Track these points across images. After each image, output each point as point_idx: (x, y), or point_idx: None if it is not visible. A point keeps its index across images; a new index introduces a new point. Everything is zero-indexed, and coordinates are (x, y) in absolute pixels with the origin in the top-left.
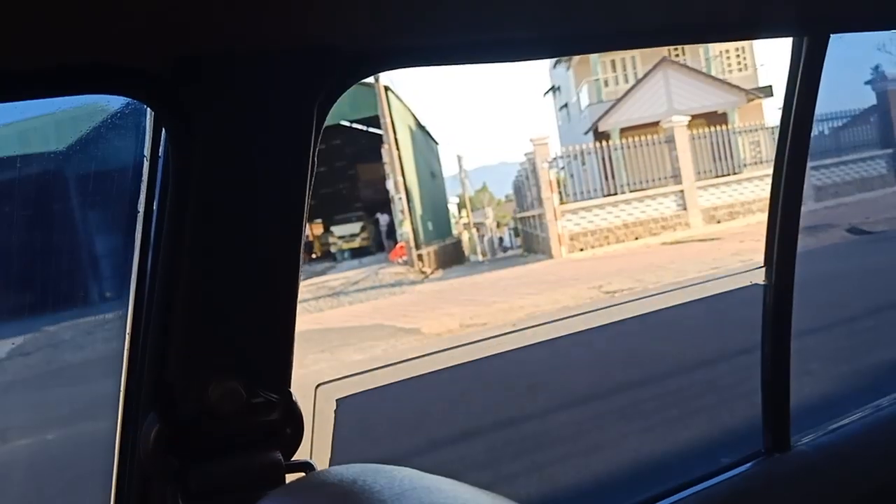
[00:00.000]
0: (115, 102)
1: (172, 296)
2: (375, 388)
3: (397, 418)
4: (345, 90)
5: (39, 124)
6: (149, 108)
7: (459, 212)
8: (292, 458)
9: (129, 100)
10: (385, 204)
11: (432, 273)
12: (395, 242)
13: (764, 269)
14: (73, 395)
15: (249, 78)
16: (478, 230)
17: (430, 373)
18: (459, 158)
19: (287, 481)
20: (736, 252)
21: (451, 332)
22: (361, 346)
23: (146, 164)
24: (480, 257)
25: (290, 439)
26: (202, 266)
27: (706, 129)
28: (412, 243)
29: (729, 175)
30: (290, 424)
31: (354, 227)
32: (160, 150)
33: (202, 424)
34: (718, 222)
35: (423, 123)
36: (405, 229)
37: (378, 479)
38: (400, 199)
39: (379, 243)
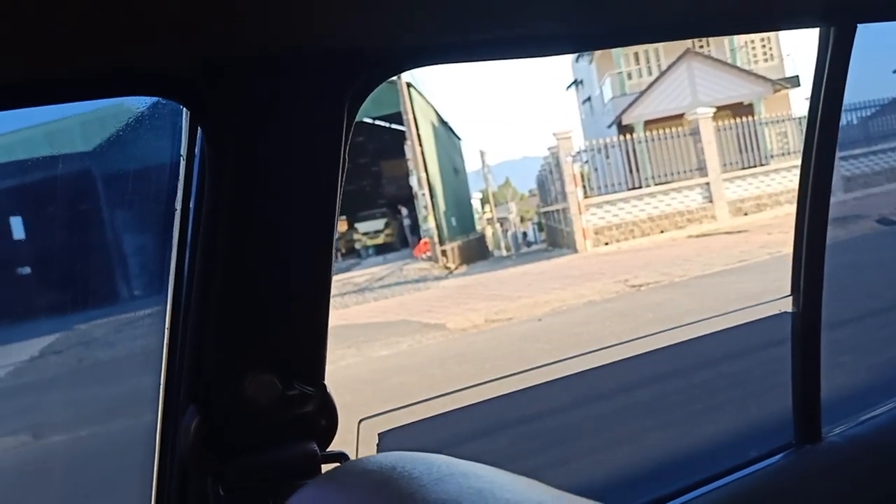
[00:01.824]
0: (151, 103)
1: (209, 292)
2: (415, 422)
3: (437, 451)
4: (373, 89)
5: (70, 125)
6: (184, 109)
7: (483, 207)
8: (327, 450)
9: (165, 100)
10: (408, 200)
11: (456, 268)
12: (419, 238)
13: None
14: (103, 392)
15: (280, 79)
16: (501, 225)
17: (472, 405)
18: (482, 153)
19: (322, 471)
20: (764, 244)
21: (477, 327)
22: (387, 342)
23: (182, 164)
24: (504, 252)
25: (324, 431)
26: (238, 262)
27: (732, 121)
28: (436, 239)
29: (756, 166)
30: (325, 416)
31: (378, 224)
32: (196, 149)
33: (240, 416)
34: (745, 214)
35: (445, 119)
36: (429, 225)
37: (417, 465)
38: (423, 195)
39: (403, 239)
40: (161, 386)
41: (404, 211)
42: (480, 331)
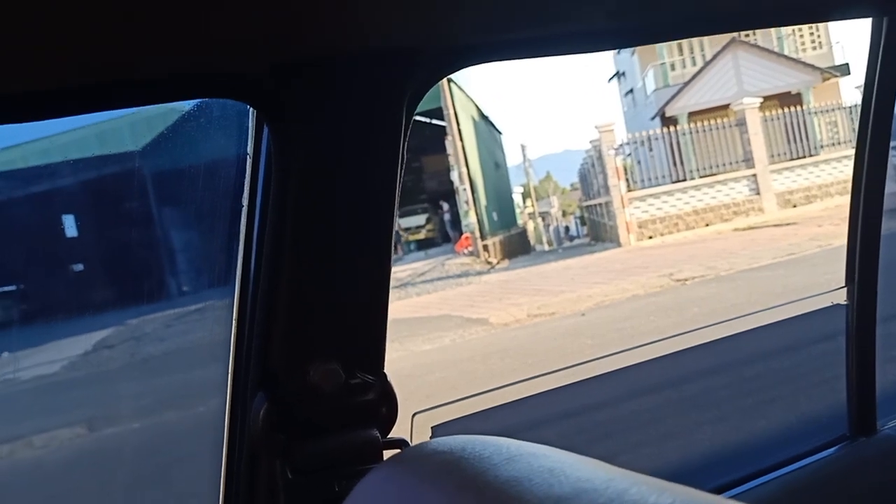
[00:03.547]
0: (219, 104)
1: (276, 285)
2: (466, 415)
3: None
4: (430, 87)
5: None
6: (251, 110)
7: (524, 201)
8: (388, 436)
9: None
10: (450, 195)
11: (498, 263)
12: (461, 233)
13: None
14: (155, 385)
15: (343, 79)
16: (543, 219)
17: (520, 399)
18: (523, 147)
19: (383, 457)
20: (813, 237)
21: (519, 322)
22: (430, 337)
23: (249, 162)
24: (546, 247)
25: (385, 418)
26: (302, 256)
27: (779, 111)
28: (477, 234)
29: (805, 157)
30: (386, 404)
31: (420, 219)
32: (262, 147)
33: (305, 403)
34: (794, 206)
35: (485, 113)
36: (470, 220)
37: (486, 446)
38: (464, 189)
39: (444, 234)
40: (229, 373)
41: (445, 206)
42: (523, 326)
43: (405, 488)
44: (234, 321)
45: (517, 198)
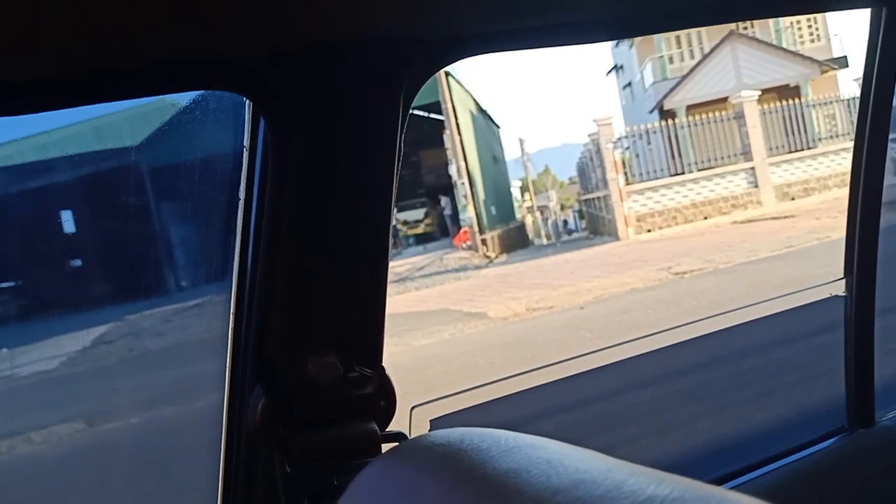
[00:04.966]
0: (214, 96)
1: (273, 278)
2: (465, 409)
3: None
4: (428, 77)
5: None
6: (247, 101)
7: (522, 195)
8: (386, 430)
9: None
10: (448, 189)
11: (496, 257)
12: (459, 227)
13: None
14: (153, 380)
15: (341, 67)
16: (541, 213)
17: (518, 392)
18: (521, 141)
19: (382, 450)
20: (812, 230)
21: (518, 315)
22: (429, 331)
23: (245, 154)
24: (545, 241)
25: (383, 411)
26: (300, 249)
27: (778, 104)
28: (476, 228)
29: (803, 150)
30: (384, 398)
31: (418, 214)
32: (258, 140)
33: (303, 396)
34: (792, 199)
35: (483, 107)
36: (468, 214)
37: (484, 438)
38: (462, 184)
39: (443, 228)
40: (227, 367)
41: (444, 200)
42: (522, 319)
43: (403, 480)
44: (231, 315)
45: (515, 192)
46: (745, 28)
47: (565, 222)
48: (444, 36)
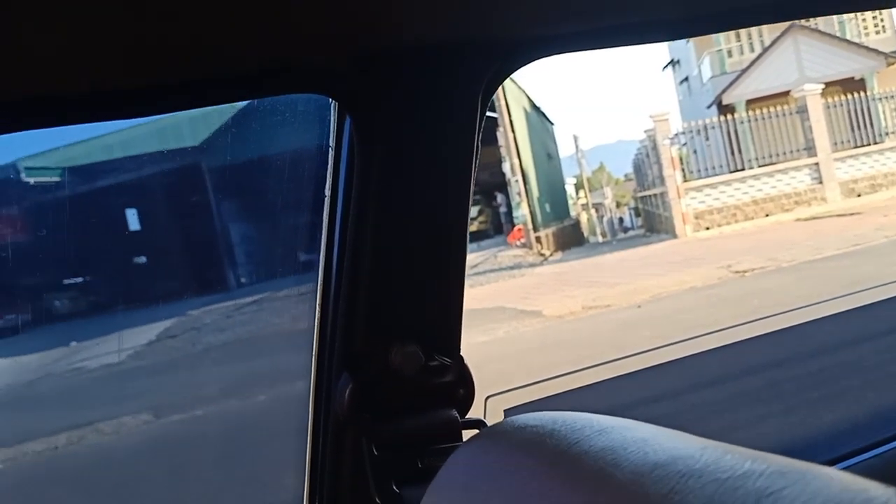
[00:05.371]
0: (302, 98)
1: (358, 271)
2: (535, 400)
3: None
4: (505, 78)
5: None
6: (333, 102)
7: (577, 192)
8: (465, 417)
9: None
10: (502, 187)
11: (551, 255)
12: (513, 225)
13: None
14: (218, 373)
15: (423, 70)
16: (596, 211)
17: (584, 387)
18: (576, 138)
19: (462, 437)
20: (880, 227)
21: (574, 314)
22: (484, 328)
23: (331, 153)
24: (600, 238)
25: (463, 399)
26: (383, 243)
27: (842, 97)
28: (530, 225)
29: (869, 145)
30: (463, 386)
31: (472, 211)
32: (344, 139)
33: (387, 384)
34: (858, 196)
35: (537, 104)
36: (522, 212)
37: (577, 420)
38: (516, 181)
39: (497, 226)
40: (314, 354)
41: (498, 198)
42: (578, 318)
43: (498, 462)
44: (317, 306)
45: (570, 189)
46: (807, 20)
47: (621, 220)
48: (520, 37)
